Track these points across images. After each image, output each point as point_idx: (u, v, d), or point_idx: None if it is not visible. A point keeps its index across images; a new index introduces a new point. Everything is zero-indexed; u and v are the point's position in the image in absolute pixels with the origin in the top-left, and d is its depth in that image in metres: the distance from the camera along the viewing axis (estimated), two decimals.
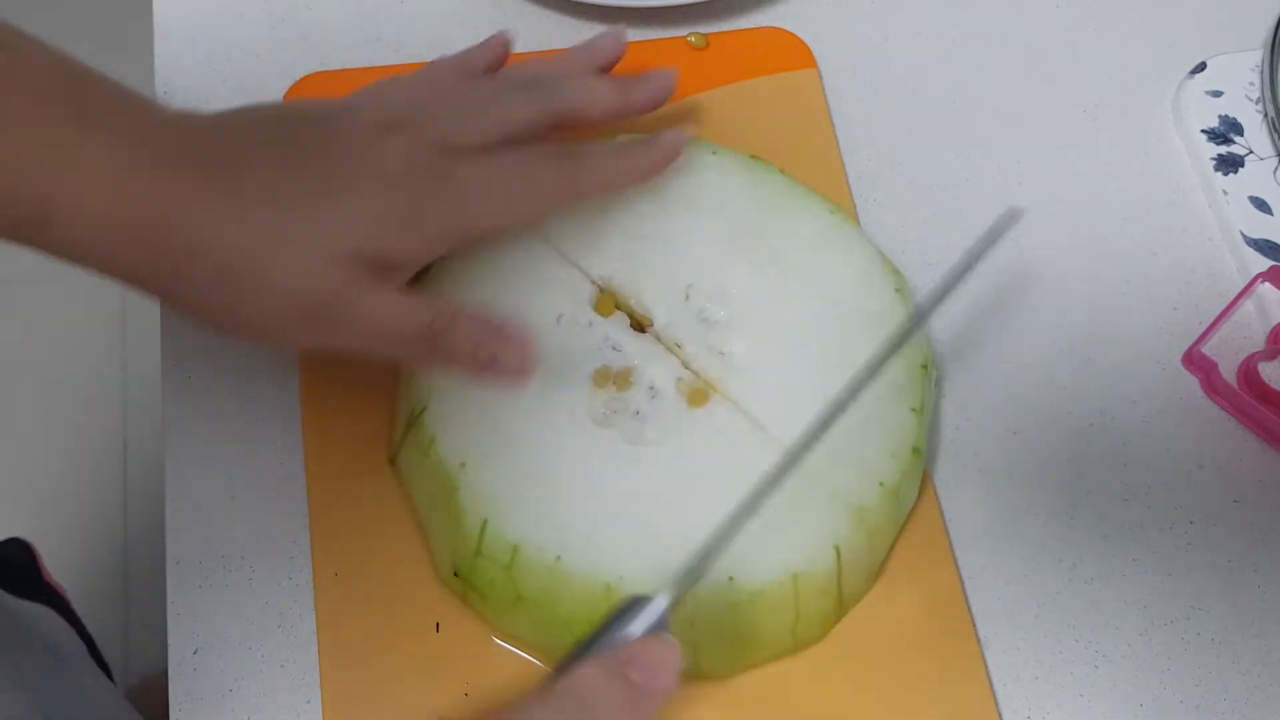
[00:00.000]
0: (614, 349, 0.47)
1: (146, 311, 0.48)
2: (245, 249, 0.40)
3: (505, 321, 0.43)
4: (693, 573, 0.39)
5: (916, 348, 0.48)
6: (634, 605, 0.38)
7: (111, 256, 0.40)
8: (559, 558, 0.43)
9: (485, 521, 0.43)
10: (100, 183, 0.38)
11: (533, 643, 0.45)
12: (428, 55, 0.51)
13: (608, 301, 0.48)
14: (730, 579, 0.43)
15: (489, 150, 0.44)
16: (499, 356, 0.42)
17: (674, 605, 0.38)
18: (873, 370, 0.44)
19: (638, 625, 0.37)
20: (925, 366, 0.48)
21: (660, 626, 0.37)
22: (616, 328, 0.48)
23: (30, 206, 0.38)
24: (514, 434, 0.45)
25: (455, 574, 0.45)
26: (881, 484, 0.45)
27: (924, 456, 0.48)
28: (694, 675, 0.45)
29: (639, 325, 0.48)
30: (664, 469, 0.45)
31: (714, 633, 0.44)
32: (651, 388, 0.46)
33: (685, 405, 0.46)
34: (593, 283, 0.48)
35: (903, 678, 0.46)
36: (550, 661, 0.45)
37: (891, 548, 0.48)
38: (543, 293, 0.48)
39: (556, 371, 0.46)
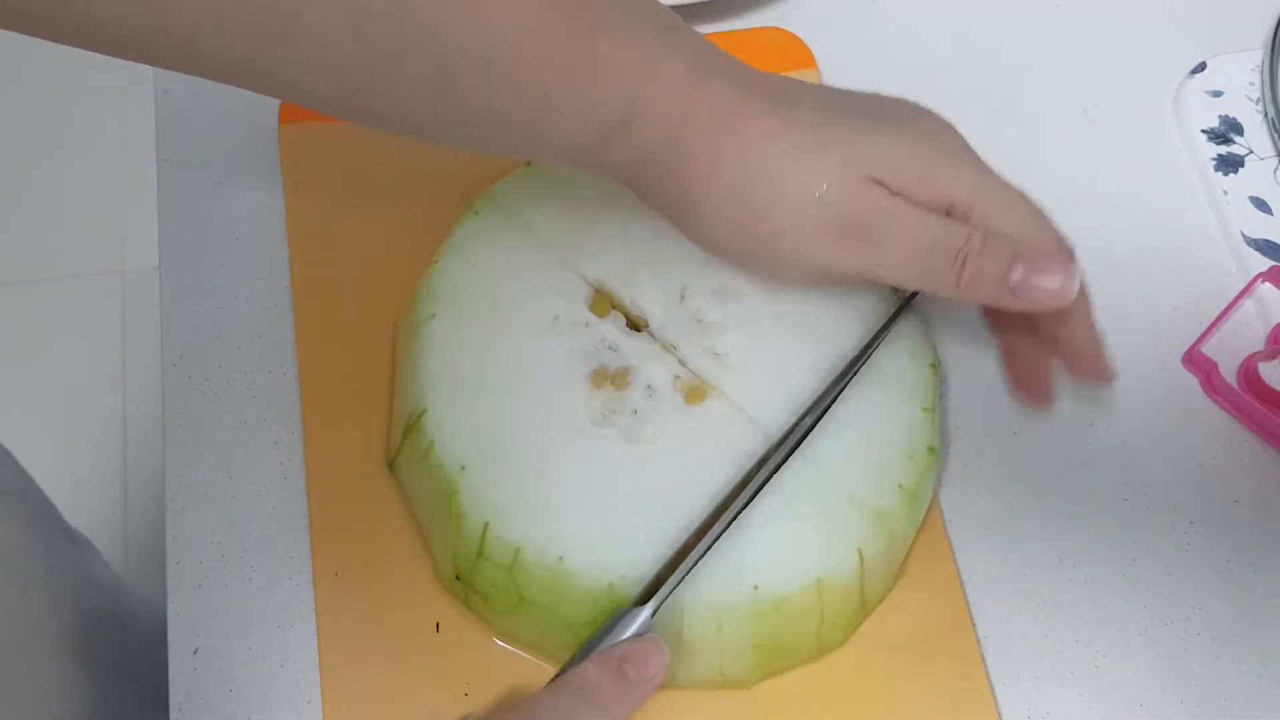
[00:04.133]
0: (610, 349, 0.47)
1: (146, 311, 0.48)
2: (782, 161, 0.40)
3: (1043, 242, 0.42)
4: (675, 581, 0.42)
5: (925, 347, 0.49)
6: (623, 616, 0.41)
7: (654, 167, 0.41)
8: (561, 558, 0.43)
9: (486, 524, 0.43)
10: (677, 90, 0.40)
11: (534, 643, 0.45)
12: None
13: (603, 302, 0.48)
14: (755, 588, 0.43)
15: None
16: (1029, 280, 0.41)
17: (655, 613, 0.42)
18: (852, 370, 0.45)
19: (627, 631, 0.41)
20: (934, 365, 0.48)
21: (644, 631, 0.41)
22: (613, 328, 0.48)
23: (620, 108, 0.40)
24: (513, 436, 0.45)
25: (457, 577, 0.45)
26: (901, 486, 0.45)
27: (938, 454, 0.48)
28: (718, 685, 0.45)
29: (635, 325, 0.48)
30: (663, 467, 0.45)
31: (740, 642, 0.44)
32: (649, 386, 0.46)
33: (683, 403, 0.46)
34: (588, 283, 0.48)
35: (902, 678, 0.46)
36: (551, 662, 0.45)
37: (910, 548, 0.48)
38: (539, 294, 0.48)
39: (554, 372, 0.46)
